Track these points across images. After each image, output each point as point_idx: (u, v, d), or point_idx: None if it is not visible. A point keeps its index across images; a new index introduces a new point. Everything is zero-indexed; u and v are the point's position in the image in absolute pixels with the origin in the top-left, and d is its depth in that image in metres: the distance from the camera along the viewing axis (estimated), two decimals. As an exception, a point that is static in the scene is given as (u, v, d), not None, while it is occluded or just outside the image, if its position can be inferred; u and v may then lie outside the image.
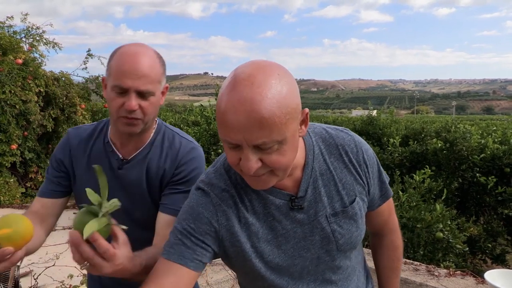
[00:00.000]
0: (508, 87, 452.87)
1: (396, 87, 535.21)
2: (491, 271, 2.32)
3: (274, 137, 0.95)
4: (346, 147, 1.20)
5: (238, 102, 0.93)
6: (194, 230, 1.11)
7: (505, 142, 6.86)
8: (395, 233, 1.44)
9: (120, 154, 1.46)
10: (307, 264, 1.18)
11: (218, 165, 1.20)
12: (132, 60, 1.29)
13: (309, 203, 1.16)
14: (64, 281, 3.30)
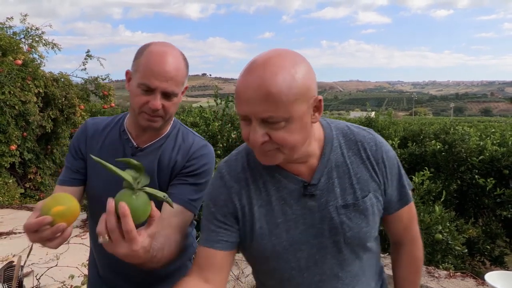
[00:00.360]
0: (506, 89, 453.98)
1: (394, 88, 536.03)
2: (492, 272, 2.35)
3: (280, 113, 1.01)
4: (366, 144, 1.24)
5: (251, 78, 1.02)
6: (214, 214, 1.21)
7: (504, 144, 6.88)
8: (415, 244, 1.41)
9: (134, 142, 1.50)
10: (314, 252, 1.20)
11: (241, 149, 1.27)
12: (161, 61, 1.34)
13: (321, 191, 1.19)
14: (65, 282, 3.30)
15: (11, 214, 6.67)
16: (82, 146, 1.54)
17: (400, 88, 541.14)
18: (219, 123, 8.41)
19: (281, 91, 1.00)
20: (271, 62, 1.02)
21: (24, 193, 8.60)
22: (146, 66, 1.34)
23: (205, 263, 1.17)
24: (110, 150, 1.49)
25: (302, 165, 1.19)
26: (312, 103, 1.08)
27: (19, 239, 5.16)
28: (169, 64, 1.35)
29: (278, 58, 1.03)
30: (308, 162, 1.19)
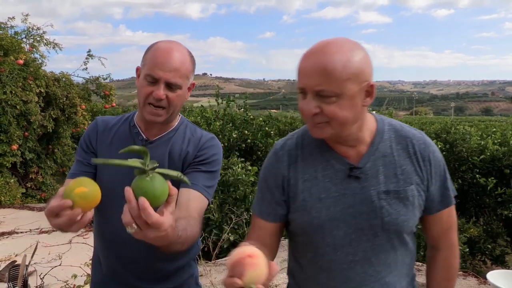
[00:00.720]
0: (507, 88, 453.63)
1: (395, 88, 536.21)
2: (493, 271, 2.36)
3: (332, 88, 1.13)
4: (414, 141, 1.32)
5: (312, 55, 1.16)
6: (267, 187, 1.35)
7: (505, 143, 6.90)
8: (452, 250, 1.43)
9: (144, 135, 1.55)
10: (350, 232, 1.26)
11: (298, 130, 1.40)
12: (166, 54, 1.42)
13: (366, 175, 1.27)
14: (68, 281, 3.31)
15: (13, 214, 6.69)
16: (93, 140, 1.58)
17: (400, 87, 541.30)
18: (220, 122, 8.43)
19: (335, 68, 1.12)
20: (332, 44, 1.16)
21: (26, 193, 8.60)
22: (152, 59, 1.43)
23: (259, 231, 1.36)
24: (120, 143, 1.53)
25: (351, 149, 1.29)
26: (364, 86, 1.18)
27: (21, 239, 5.18)
28: (174, 57, 1.42)
29: (338, 42, 1.17)
30: (357, 147, 1.29)
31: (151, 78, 1.41)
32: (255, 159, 8.29)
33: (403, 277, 1.35)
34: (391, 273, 1.30)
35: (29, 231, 5.53)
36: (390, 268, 1.30)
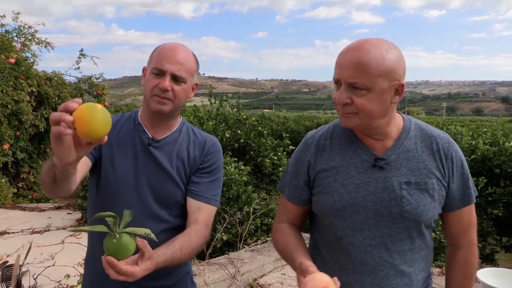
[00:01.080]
0: (498, 88, 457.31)
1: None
2: (483, 269, 2.38)
3: (364, 81, 1.23)
4: (439, 140, 1.40)
5: (350, 50, 1.27)
6: (295, 172, 1.48)
7: (495, 143, 6.98)
8: (471, 249, 1.48)
9: (149, 134, 1.59)
10: (369, 217, 1.34)
11: (330, 124, 1.50)
12: (172, 50, 1.52)
13: (389, 166, 1.35)
14: (61, 281, 3.30)
15: (4, 214, 6.65)
16: None
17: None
18: (213, 122, 8.43)
19: (369, 63, 1.22)
20: (369, 42, 1.26)
21: (17, 193, 8.55)
22: (159, 55, 1.52)
23: (288, 214, 1.52)
24: (125, 140, 1.57)
25: (378, 142, 1.37)
26: (395, 85, 1.27)
27: (12, 239, 5.15)
28: (179, 53, 1.52)
29: (375, 41, 1.26)
30: (383, 141, 1.37)
31: (158, 70, 1.49)
32: (248, 159, 8.30)
33: (418, 269, 1.39)
34: (406, 263, 1.36)
35: (21, 231, 5.50)
36: (405, 257, 1.35)
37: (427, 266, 1.44)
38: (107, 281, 1.60)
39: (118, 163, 1.55)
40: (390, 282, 1.35)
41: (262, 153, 8.52)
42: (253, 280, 3.03)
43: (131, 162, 1.55)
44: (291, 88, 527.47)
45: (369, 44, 1.25)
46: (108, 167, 1.55)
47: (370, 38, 1.29)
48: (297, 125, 16.34)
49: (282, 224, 1.53)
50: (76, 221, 5.76)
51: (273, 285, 3.05)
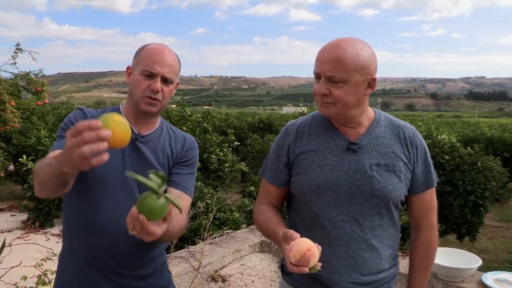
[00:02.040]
0: (427, 85, 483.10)
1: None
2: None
3: (341, 75, 1.40)
4: (405, 129, 1.59)
5: (329, 47, 1.44)
6: (276, 156, 1.64)
7: (429, 136, 7.45)
8: (432, 230, 1.66)
9: (135, 129, 1.64)
10: (343, 195, 1.50)
11: (309, 114, 1.67)
12: (161, 52, 1.59)
13: (361, 150, 1.52)
14: (18, 283, 3.22)
15: None
16: None
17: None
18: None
19: (346, 59, 1.39)
20: (346, 41, 1.43)
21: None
22: (148, 56, 1.58)
23: (268, 196, 1.68)
24: None
25: (351, 129, 1.55)
26: (368, 79, 1.46)
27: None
28: (167, 55, 1.60)
29: (351, 40, 1.44)
30: (357, 129, 1.55)
31: (149, 72, 1.56)
32: (194, 155, 8.31)
33: (386, 246, 1.56)
34: (376, 238, 1.52)
35: (-40, 236, 5.22)
36: (375, 232, 1.52)
37: (394, 244, 1.60)
38: (88, 276, 1.63)
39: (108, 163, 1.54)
40: (362, 254, 1.51)
41: (207, 149, 8.55)
42: (215, 271, 3.12)
43: (118, 156, 1.58)
44: (230, 84, 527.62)
45: (346, 42, 1.42)
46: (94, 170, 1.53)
47: (346, 37, 1.46)
48: (239, 121, 16.48)
49: (263, 205, 1.68)
50: (22, 222, 5.55)
51: (233, 276, 3.16)
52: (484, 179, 6.72)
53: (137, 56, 1.63)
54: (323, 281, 1.55)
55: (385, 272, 1.57)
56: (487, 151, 10.39)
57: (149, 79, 1.57)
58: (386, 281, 1.58)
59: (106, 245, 1.58)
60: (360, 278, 1.52)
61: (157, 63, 1.57)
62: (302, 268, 1.27)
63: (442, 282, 2.62)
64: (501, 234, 8.94)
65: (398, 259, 1.67)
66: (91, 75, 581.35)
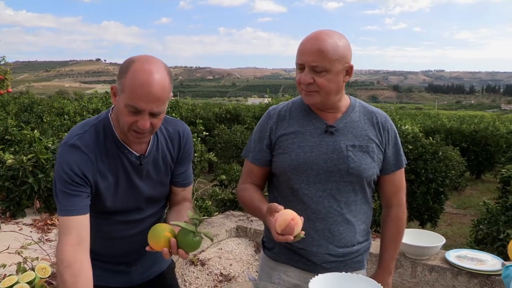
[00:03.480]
0: (390, 77, 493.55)
1: (290, 75, 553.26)
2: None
3: (324, 64, 1.52)
4: (378, 115, 1.73)
5: (310, 39, 1.56)
6: (259, 138, 1.76)
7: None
8: (401, 207, 1.82)
9: (135, 152, 1.56)
10: (321, 173, 1.64)
11: (290, 100, 1.79)
12: (146, 82, 1.35)
13: (338, 132, 1.66)
14: (-4, 271, 3.20)
15: None
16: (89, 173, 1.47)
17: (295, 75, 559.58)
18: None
19: (328, 50, 1.51)
20: (325, 32, 1.55)
21: None
22: (132, 88, 1.36)
23: (251, 175, 1.80)
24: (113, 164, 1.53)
25: (329, 114, 1.68)
26: (346, 67, 1.58)
27: None
28: (155, 85, 1.36)
29: (329, 32, 1.56)
30: (334, 114, 1.68)
31: (134, 108, 1.38)
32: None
33: (360, 221, 1.71)
34: (351, 213, 1.66)
35: None
36: (350, 207, 1.66)
37: (367, 220, 1.76)
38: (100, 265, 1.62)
39: (113, 191, 1.55)
40: (338, 228, 1.65)
41: (177, 139, 8.55)
42: (193, 256, 3.22)
43: (126, 186, 1.57)
44: (195, 75, 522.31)
45: (325, 34, 1.55)
46: (104, 192, 1.53)
47: (324, 29, 1.59)
48: (206, 112, 16.47)
49: (246, 184, 1.80)
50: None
51: (212, 259, 3.26)
52: (444, 167, 7.06)
53: (121, 78, 1.41)
54: (302, 254, 1.69)
55: (358, 245, 1.72)
56: (446, 142, 10.86)
57: (135, 115, 1.39)
58: (359, 254, 1.73)
59: (116, 252, 1.69)
60: (336, 250, 1.66)
61: (142, 99, 1.36)
62: (287, 237, 1.39)
63: (410, 260, 2.83)
64: (459, 220, 9.39)
65: (371, 236, 1.82)
66: (52, 64, 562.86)
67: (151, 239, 1.40)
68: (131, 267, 1.74)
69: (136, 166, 1.57)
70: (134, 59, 1.41)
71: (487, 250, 3.19)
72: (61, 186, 1.44)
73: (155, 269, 1.81)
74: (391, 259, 1.81)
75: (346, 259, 1.69)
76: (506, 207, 3.74)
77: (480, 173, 13.70)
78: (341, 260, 1.68)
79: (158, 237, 1.38)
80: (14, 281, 2.54)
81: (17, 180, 4.73)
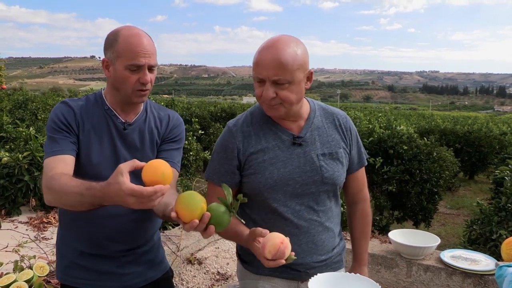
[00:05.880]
0: (384, 78, 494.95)
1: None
2: (393, 231, 2.88)
3: (286, 77, 1.46)
4: (339, 116, 1.73)
5: (267, 52, 1.47)
6: (225, 158, 1.62)
7: (389, 127, 7.79)
8: (366, 202, 1.85)
9: (122, 118, 1.66)
10: (297, 187, 1.60)
11: (246, 112, 1.70)
12: (139, 41, 1.54)
13: (306, 142, 1.62)
14: (-6, 269, 3.20)
15: None
16: (73, 123, 1.59)
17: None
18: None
19: (288, 61, 1.45)
20: (281, 42, 1.48)
21: None
22: (129, 49, 1.53)
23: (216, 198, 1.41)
24: (100, 126, 1.63)
25: (293, 123, 1.63)
26: (307, 74, 1.54)
27: None
28: (146, 42, 1.55)
29: (285, 39, 1.49)
30: (297, 122, 1.64)
31: (136, 66, 1.53)
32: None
33: (335, 224, 1.74)
34: (329, 220, 1.68)
35: None
36: (327, 215, 1.68)
37: (339, 220, 1.79)
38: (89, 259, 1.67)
39: (96, 150, 1.61)
40: (320, 237, 1.66)
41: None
42: (191, 254, 3.24)
43: (109, 148, 1.63)
44: (190, 73, 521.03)
45: (282, 43, 1.48)
46: (88, 154, 1.61)
47: (278, 37, 1.52)
48: (202, 110, 16.46)
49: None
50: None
51: (209, 258, 3.29)
52: (439, 168, 7.11)
53: (112, 47, 1.57)
54: (286, 265, 1.62)
55: (337, 247, 1.75)
56: (440, 142, 10.94)
57: (136, 73, 1.55)
58: (339, 254, 1.77)
59: (107, 233, 1.66)
60: (319, 258, 1.67)
61: (141, 54, 1.53)
62: (278, 261, 1.35)
63: (405, 260, 2.86)
64: (452, 220, 9.47)
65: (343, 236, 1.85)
66: (45, 60, 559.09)
67: (183, 206, 1.27)
68: (122, 267, 1.70)
69: (120, 131, 1.65)
70: (119, 29, 1.60)
71: (480, 250, 3.23)
72: (48, 133, 1.58)
73: (149, 275, 1.77)
74: (365, 251, 1.87)
75: (328, 262, 1.71)
76: (499, 207, 3.78)
77: (473, 173, 13.80)
78: (323, 264, 1.69)
79: (194, 206, 1.26)
80: (12, 280, 2.55)
81: (12, 178, 4.72)
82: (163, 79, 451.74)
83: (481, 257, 2.75)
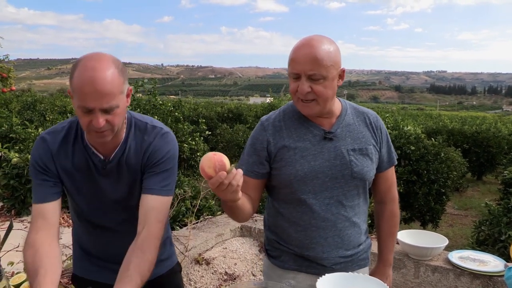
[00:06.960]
0: (392, 78, 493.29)
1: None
2: (401, 231, 2.87)
3: (321, 72, 1.52)
4: (369, 115, 1.76)
5: (303, 47, 1.54)
6: (254, 150, 1.69)
7: (396, 127, 7.78)
8: (395, 203, 1.87)
9: (101, 155, 1.57)
10: (327, 180, 1.64)
11: (279, 109, 1.76)
12: (91, 80, 1.33)
13: (337, 138, 1.66)
14: (5, 269, 3.23)
15: None
16: (51, 163, 1.55)
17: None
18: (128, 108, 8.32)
19: (323, 57, 1.51)
20: (316, 40, 1.55)
21: None
22: (79, 88, 1.35)
23: (244, 185, 1.46)
24: (80, 167, 1.57)
25: (325, 120, 1.67)
26: (339, 71, 1.59)
27: None
28: (99, 82, 1.34)
29: (319, 38, 1.57)
30: (329, 119, 1.68)
31: (85, 108, 1.37)
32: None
33: (363, 221, 1.76)
34: (356, 215, 1.70)
35: None
36: (355, 211, 1.70)
37: (366, 218, 1.81)
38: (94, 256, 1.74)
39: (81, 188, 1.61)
40: (347, 232, 1.68)
41: (179, 138, 8.59)
42: (198, 255, 3.26)
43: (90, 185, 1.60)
44: (197, 74, 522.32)
45: (316, 41, 1.55)
46: (74, 193, 1.62)
47: (314, 36, 1.60)
48: (208, 111, 16.51)
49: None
50: (-4, 210, 5.48)
51: (217, 258, 3.30)
52: (446, 169, 7.09)
53: (71, 80, 1.40)
54: (312, 259, 1.70)
55: (363, 244, 1.77)
56: (448, 143, 10.89)
57: (89, 115, 1.38)
58: (365, 251, 1.78)
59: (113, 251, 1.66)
60: (345, 253, 1.70)
61: (90, 97, 1.34)
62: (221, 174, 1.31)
63: (413, 260, 2.86)
64: (460, 221, 9.43)
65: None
66: (53, 62, 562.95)
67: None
68: None
69: (100, 170, 1.58)
70: (80, 58, 1.41)
71: (488, 251, 3.22)
72: (30, 174, 1.58)
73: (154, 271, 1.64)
74: (390, 252, 1.89)
75: (354, 258, 1.73)
76: (507, 208, 3.77)
77: (481, 174, 13.73)
78: (349, 260, 1.72)
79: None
80: (23, 279, 2.57)
81: (22, 178, 4.77)
82: (169, 80, 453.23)
83: (489, 258, 2.73)
